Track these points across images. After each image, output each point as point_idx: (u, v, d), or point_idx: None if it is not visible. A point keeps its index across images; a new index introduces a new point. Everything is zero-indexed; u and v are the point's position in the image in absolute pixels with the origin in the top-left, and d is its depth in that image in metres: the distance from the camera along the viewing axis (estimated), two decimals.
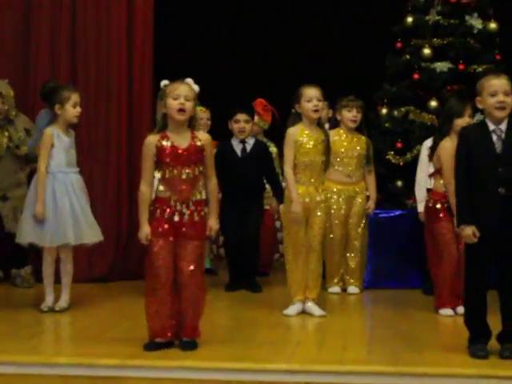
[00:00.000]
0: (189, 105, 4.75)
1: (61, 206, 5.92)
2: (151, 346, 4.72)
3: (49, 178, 5.95)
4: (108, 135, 7.56)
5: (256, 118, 7.59)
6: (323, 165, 5.93)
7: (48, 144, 5.95)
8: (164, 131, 4.79)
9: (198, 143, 4.79)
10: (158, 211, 4.76)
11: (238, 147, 7.12)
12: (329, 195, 6.52)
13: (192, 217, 4.76)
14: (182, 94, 4.73)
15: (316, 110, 5.86)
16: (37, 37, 7.58)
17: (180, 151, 4.75)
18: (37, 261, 6.48)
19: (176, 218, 4.74)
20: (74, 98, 6.01)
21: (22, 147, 7.02)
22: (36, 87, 7.32)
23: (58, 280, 6.12)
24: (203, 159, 4.81)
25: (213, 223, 4.85)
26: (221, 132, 7.19)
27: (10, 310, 6.12)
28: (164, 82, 4.85)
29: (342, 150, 6.92)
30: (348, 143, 6.97)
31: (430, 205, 6.12)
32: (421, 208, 6.70)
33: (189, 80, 4.85)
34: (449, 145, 5.93)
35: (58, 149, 5.98)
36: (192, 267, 4.73)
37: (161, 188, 4.78)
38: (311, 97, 5.85)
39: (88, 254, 7.26)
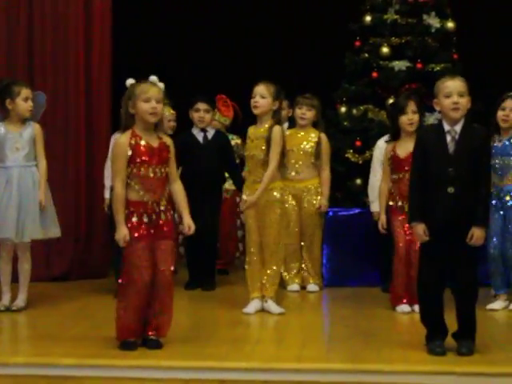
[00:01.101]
0: (159, 107, 4.75)
1: (2, 201, 5.87)
2: (129, 346, 4.70)
3: None
4: (67, 133, 7.51)
5: (216, 114, 7.60)
6: (260, 161, 5.92)
7: None
8: (133, 130, 4.77)
9: (167, 143, 4.83)
10: (135, 215, 4.73)
11: (199, 135, 7.12)
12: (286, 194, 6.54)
13: (165, 216, 4.78)
14: (152, 96, 4.72)
15: (255, 106, 5.92)
16: None
17: (155, 149, 4.75)
18: None
19: (151, 219, 4.74)
20: (25, 92, 5.96)
21: None
22: None
23: (17, 279, 6.06)
24: (169, 161, 4.83)
25: (189, 222, 4.85)
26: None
27: None
28: (130, 81, 4.82)
29: (288, 147, 6.91)
30: (294, 140, 6.97)
31: (388, 202, 6.19)
32: (374, 208, 6.75)
33: (153, 78, 4.83)
34: (388, 147, 6.20)
35: (7, 144, 5.94)
36: (172, 268, 4.79)
37: (135, 189, 4.73)
38: (255, 93, 5.93)
39: (46, 252, 7.23)
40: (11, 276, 6.07)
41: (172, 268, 4.79)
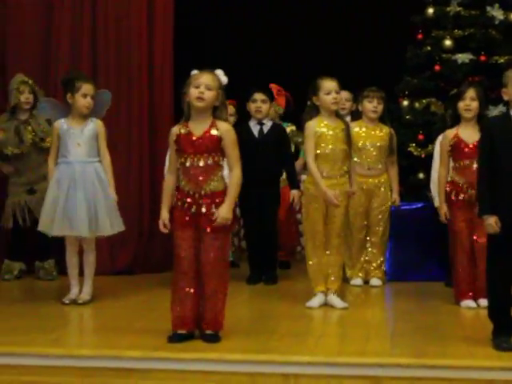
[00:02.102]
0: (209, 93, 4.71)
1: (70, 197, 5.93)
2: (174, 338, 4.72)
3: (57, 169, 6.03)
4: (130, 127, 7.61)
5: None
6: (345, 154, 5.92)
7: (54, 136, 6.06)
8: (187, 121, 4.79)
9: (214, 132, 4.74)
10: (179, 202, 4.76)
11: (255, 128, 7.11)
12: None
13: (208, 207, 4.72)
14: (203, 82, 4.70)
15: (335, 103, 5.87)
16: (58, 30, 7.61)
17: (194, 139, 4.73)
18: (60, 253, 6.51)
19: (192, 209, 4.72)
20: (85, 88, 6.01)
21: (48, 139, 7.05)
22: (57, 80, 7.36)
23: (83, 272, 6.15)
24: (220, 150, 4.76)
25: (221, 212, 4.68)
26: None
27: (34, 303, 6.16)
28: (194, 72, 4.83)
29: (361, 141, 6.91)
30: (367, 135, 6.95)
31: (447, 195, 6.10)
32: (437, 202, 6.70)
33: (218, 71, 4.83)
34: (448, 133, 6.05)
35: (69, 140, 6.02)
36: (213, 258, 4.70)
37: (180, 178, 4.77)
38: (330, 89, 5.85)
39: (110, 246, 7.31)
40: (78, 269, 6.15)
41: (214, 258, 4.67)
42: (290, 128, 7.73)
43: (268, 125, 7.14)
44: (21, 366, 4.51)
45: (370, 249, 7.02)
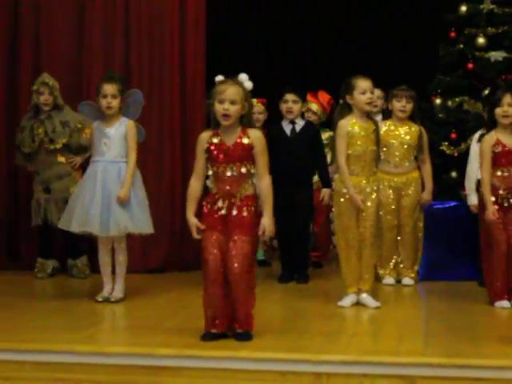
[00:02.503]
0: (234, 108, 4.67)
1: (89, 195, 5.98)
2: (207, 337, 4.73)
3: (89, 167, 6.13)
4: (162, 128, 7.63)
5: (319, 109, 7.62)
6: (375, 155, 5.91)
7: (91, 136, 6.19)
8: (217, 128, 4.79)
9: (245, 141, 4.74)
10: (208, 206, 4.78)
11: (287, 127, 7.10)
12: (381, 186, 6.47)
13: (240, 212, 4.73)
14: (227, 98, 4.67)
15: (370, 103, 5.86)
16: (90, 30, 7.66)
17: (226, 148, 4.73)
18: (93, 251, 6.54)
19: (223, 213, 4.73)
20: (104, 88, 6.04)
21: (58, 140, 7.12)
22: (90, 82, 7.42)
23: (115, 270, 6.18)
24: (251, 157, 4.77)
25: (266, 222, 4.74)
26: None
27: (67, 301, 6.21)
28: (218, 78, 4.80)
29: (389, 140, 6.87)
30: (395, 133, 6.92)
31: (481, 195, 6.05)
32: (470, 201, 6.65)
33: (242, 76, 4.79)
34: (488, 138, 5.93)
35: (98, 140, 6.08)
36: (241, 264, 4.67)
37: (211, 184, 4.82)
38: (365, 89, 5.82)
39: (143, 245, 7.34)
40: (111, 267, 6.19)
41: (240, 264, 4.63)
42: (328, 133, 7.69)
43: (300, 124, 7.13)
44: (54, 364, 4.53)
45: (401, 248, 6.98)
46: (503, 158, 5.87)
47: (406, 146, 6.93)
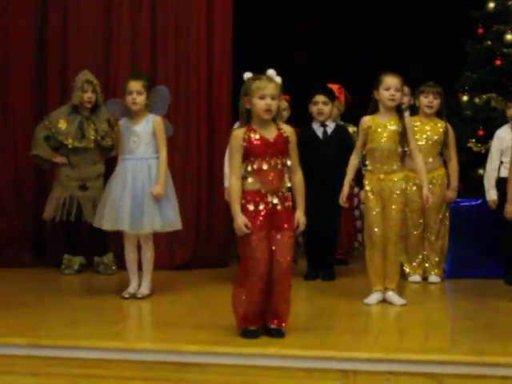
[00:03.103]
0: (275, 104, 4.72)
1: (119, 193, 6.00)
2: (249, 334, 4.72)
3: (119, 165, 6.13)
4: (188, 124, 7.65)
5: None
6: (393, 153, 5.84)
7: (118, 134, 6.21)
8: (250, 125, 4.78)
9: (285, 134, 4.78)
10: (251, 204, 4.74)
11: (319, 130, 7.09)
12: (410, 184, 6.44)
13: (283, 207, 4.75)
14: (268, 93, 4.69)
15: (392, 99, 5.82)
16: (118, 31, 7.70)
17: (269, 142, 4.74)
18: (119, 248, 6.58)
19: (268, 209, 4.73)
20: (130, 86, 6.07)
21: (107, 138, 7.18)
22: (117, 80, 7.45)
23: (141, 267, 6.21)
24: (288, 151, 4.80)
25: (300, 216, 4.80)
26: (302, 120, 7.18)
27: (94, 297, 6.24)
28: (247, 75, 4.79)
29: (417, 136, 6.82)
30: (420, 129, 6.89)
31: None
32: (489, 196, 6.62)
33: (271, 72, 4.80)
34: (501, 134, 5.90)
35: (126, 138, 6.10)
36: (289, 258, 4.73)
37: (250, 180, 4.76)
38: (390, 85, 5.80)
39: (169, 241, 7.37)
40: (137, 264, 6.21)
41: (289, 258, 4.72)
42: (352, 129, 7.68)
43: (331, 126, 7.12)
44: (81, 359, 4.56)
45: (427, 245, 6.96)
46: None
47: (430, 143, 6.90)
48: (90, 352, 4.58)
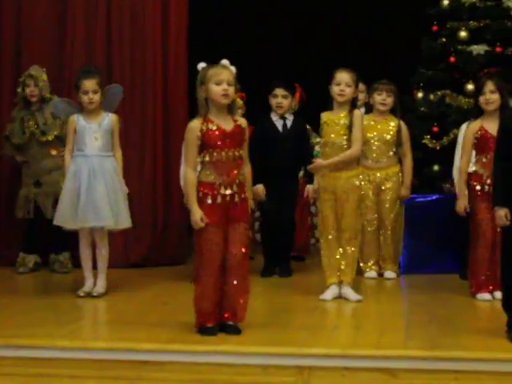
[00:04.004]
0: (231, 89, 4.75)
1: (92, 189, 5.97)
2: (207, 331, 4.71)
3: (74, 162, 6.07)
4: (144, 121, 7.61)
5: None
6: (342, 148, 5.87)
7: (70, 130, 6.12)
8: (206, 115, 4.78)
9: (242, 125, 4.82)
10: (208, 196, 4.74)
11: (278, 123, 7.09)
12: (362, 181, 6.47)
13: (239, 199, 4.77)
14: (224, 79, 4.71)
15: (341, 95, 5.85)
16: (72, 27, 7.63)
17: (226, 133, 4.74)
18: (75, 246, 6.53)
19: (225, 201, 4.73)
20: (85, 85, 6.04)
21: (50, 132, 7.12)
22: (71, 74, 7.38)
23: (96, 265, 6.17)
24: (243, 142, 4.82)
25: (251, 204, 4.91)
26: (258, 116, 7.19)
27: (49, 296, 6.20)
28: (201, 65, 4.82)
29: (368, 134, 6.86)
30: (374, 128, 6.93)
31: (470, 186, 6.07)
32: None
33: (225, 61, 4.82)
34: (472, 125, 5.98)
35: (82, 134, 6.06)
36: (243, 250, 4.75)
37: (207, 172, 4.76)
38: (340, 81, 5.86)
39: (124, 239, 7.33)
40: (91, 261, 6.18)
41: (243, 250, 4.74)
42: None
43: (290, 119, 7.13)
44: (37, 359, 4.53)
45: (383, 241, 7.00)
46: (486, 145, 5.89)
47: (384, 141, 6.94)
48: (45, 351, 4.56)
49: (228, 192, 4.74)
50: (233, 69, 4.83)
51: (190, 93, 7.23)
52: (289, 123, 7.09)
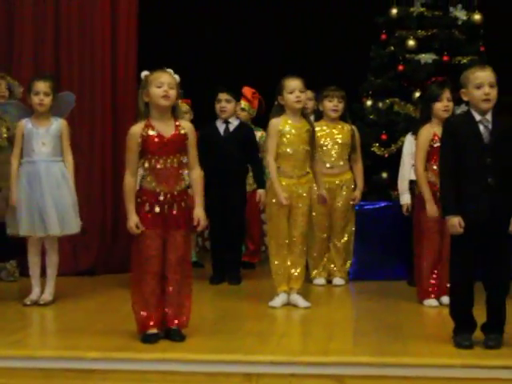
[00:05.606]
0: (172, 92, 4.75)
1: (38, 197, 5.92)
2: (149, 338, 4.70)
3: (22, 169, 6.00)
4: (92, 127, 7.56)
5: (246, 104, 7.63)
6: (307, 155, 5.93)
7: (18, 135, 6.05)
8: (148, 120, 4.77)
9: (182, 131, 4.79)
10: (146, 203, 4.74)
11: (221, 127, 7.11)
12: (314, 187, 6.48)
13: (179, 206, 4.76)
14: (165, 81, 4.73)
15: (298, 101, 5.88)
16: (20, 29, 7.55)
17: (166, 140, 4.73)
18: (21, 254, 6.45)
19: (163, 209, 4.73)
20: (37, 86, 5.99)
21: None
22: (20, 80, 7.29)
23: (44, 273, 6.11)
24: (186, 148, 4.81)
25: (200, 214, 4.82)
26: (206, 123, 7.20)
27: None
28: (144, 73, 4.85)
29: (322, 140, 6.89)
30: (328, 134, 6.95)
31: (417, 193, 6.11)
32: (403, 200, 6.73)
33: (169, 70, 4.86)
34: (425, 132, 5.98)
35: (29, 139, 6.00)
36: (180, 255, 4.74)
37: (147, 179, 4.76)
38: (293, 88, 5.87)
39: (73, 246, 7.26)
40: (39, 269, 6.12)
41: (180, 255, 4.73)
42: (261, 133, 7.71)
43: (234, 124, 7.13)
44: None
45: (332, 248, 7.02)
46: (438, 152, 5.90)
47: (340, 146, 6.97)
48: None
49: (167, 199, 4.73)
50: (176, 77, 4.85)
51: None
52: (231, 127, 7.10)
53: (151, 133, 4.73)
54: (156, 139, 4.73)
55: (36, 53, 7.54)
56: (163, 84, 4.72)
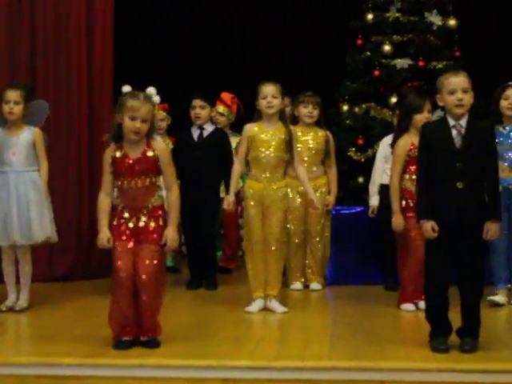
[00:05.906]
0: (145, 126, 4.73)
1: (4, 207, 5.91)
2: (120, 345, 4.71)
3: None
4: (69, 134, 7.50)
5: (225, 109, 7.63)
6: (279, 160, 5.93)
7: None
8: (121, 142, 4.79)
9: (150, 153, 4.78)
10: (116, 219, 4.80)
11: (195, 133, 7.10)
12: (289, 191, 6.47)
13: (148, 223, 4.78)
14: (139, 116, 4.70)
15: (270, 107, 5.90)
16: None
17: (130, 162, 4.76)
18: None
19: (131, 225, 4.78)
20: (7, 95, 5.97)
21: None
22: None
23: (19, 280, 6.07)
24: (158, 169, 4.80)
25: (169, 234, 4.79)
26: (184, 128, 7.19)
27: None
28: (126, 89, 4.84)
29: (297, 146, 6.88)
30: (302, 139, 6.95)
31: (406, 201, 6.09)
32: (371, 202, 6.75)
33: (151, 90, 4.85)
34: (403, 142, 6.00)
35: (1, 149, 5.96)
36: (150, 269, 4.72)
37: (116, 197, 4.84)
38: (266, 94, 5.91)
39: (49, 253, 7.22)
40: (14, 276, 6.08)
41: (150, 269, 4.70)
42: (239, 138, 7.69)
43: (209, 129, 7.12)
44: None
45: (309, 253, 7.02)
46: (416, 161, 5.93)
47: (313, 152, 6.98)
48: None
49: (134, 218, 4.78)
50: (156, 99, 4.85)
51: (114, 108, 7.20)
52: (206, 133, 7.09)
53: (118, 154, 4.78)
54: (121, 161, 4.77)
55: (11, 65, 7.44)
56: (136, 118, 4.70)
